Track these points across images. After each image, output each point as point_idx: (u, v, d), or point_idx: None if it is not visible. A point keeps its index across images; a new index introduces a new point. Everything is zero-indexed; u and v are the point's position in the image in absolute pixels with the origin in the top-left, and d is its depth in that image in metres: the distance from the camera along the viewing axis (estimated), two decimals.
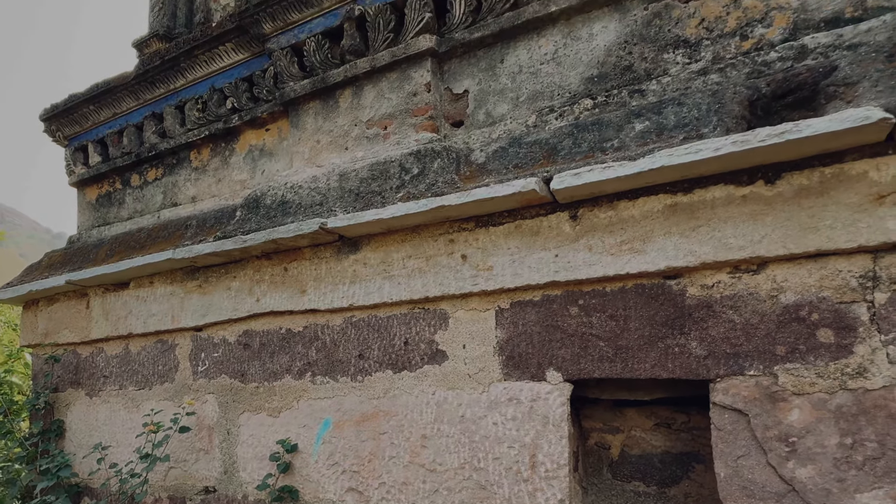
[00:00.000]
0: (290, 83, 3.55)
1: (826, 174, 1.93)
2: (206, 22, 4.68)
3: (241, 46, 3.88)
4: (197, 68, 4.09)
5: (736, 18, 2.38)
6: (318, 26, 3.44)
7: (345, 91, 3.38)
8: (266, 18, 3.59)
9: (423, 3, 3.07)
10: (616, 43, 2.63)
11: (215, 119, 4.03)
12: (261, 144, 3.87)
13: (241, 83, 3.91)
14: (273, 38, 3.61)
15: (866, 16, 2.14)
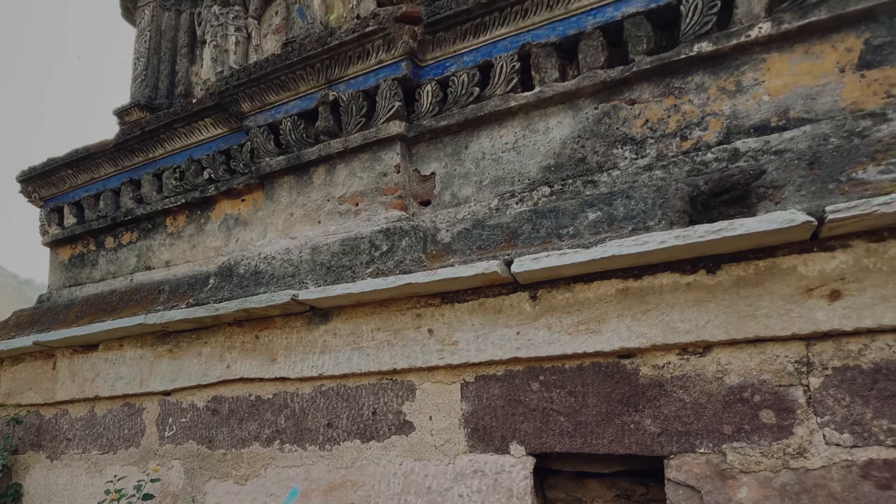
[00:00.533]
0: (266, 158, 3.58)
1: (760, 267, 2.03)
2: (187, 94, 4.71)
3: (219, 122, 3.91)
4: (176, 140, 4.10)
5: (676, 121, 2.52)
6: (295, 108, 3.51)
7: (318, 168, 3.42)
8: (245, 98, 3.64)
9: (394, 93, 3.16)
10: (570, 137, 2.75)
11: (192, 188, 4.02)
12: (236, 214, 3.86)
13: (218, 156, 3.93)
14: (251, 117, 3.66)
15: (789, 125, 2.29)
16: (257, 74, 3.55)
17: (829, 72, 2.25)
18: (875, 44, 2.19)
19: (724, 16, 2.51)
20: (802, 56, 2.31)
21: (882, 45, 2.18)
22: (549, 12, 2.85)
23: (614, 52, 2.75)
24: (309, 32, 3.81)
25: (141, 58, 4.81)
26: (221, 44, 4.50)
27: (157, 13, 4.86)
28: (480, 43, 3.03)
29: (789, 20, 2.34)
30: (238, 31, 4.47)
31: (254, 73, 3.57)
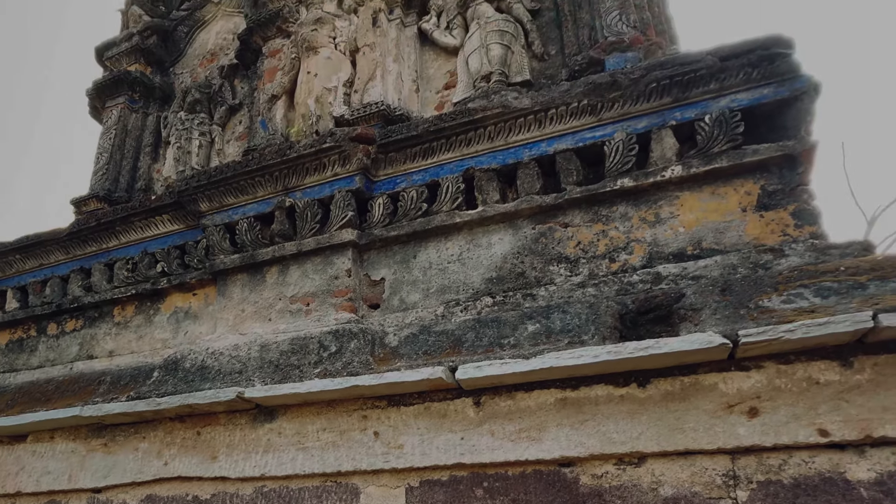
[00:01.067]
0: (220, 256, 3.46)
1: (686, 383, 2.05)
2: (147, 189, 4.55)
3: (176, 219, 3.78)
4: (132, 233, 3.92)
5: (605, 245, 2.60)
6: (252, 210, 3.43)
7: (272, 268, 3.32)
8: (204, 199, 3.54)
9: (347, 203, 3.15)
10: (511, 253, 2.78)
11: (144, 280, 3.82)
12: (186, 307, 3.67)
13: (173, 250, 3.77)
14: (208, 216, 3.55)
15: (703, 255, 2.39)
16: (218, 178, 3.47)
17: (734, 210, 2.38)
18: (769, 190, 2.35)
19: (642, 156, 2.65)
20: (710, 196, 2.45)
21: (775, 191, 2.34)
22: (490, 143, 2.94)
23: (549, 179, 2.84)
24: (270, 143, 3.78)
25: (104, 153, 4.65)
26: (185, 145, 4.41)
27: (124, 113, 4.75)
28: (429, 164, 3.08)
29: (696, 165, 2.49)
30: (202, 135, 4.41)
31: (214, 176, 3.50)
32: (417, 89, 3.68)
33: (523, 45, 3.39)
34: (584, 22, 3.16)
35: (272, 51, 4.19)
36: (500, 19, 3.41)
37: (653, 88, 2.59)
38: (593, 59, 2.95)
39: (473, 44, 3.45)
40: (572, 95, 2.75)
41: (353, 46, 3.79)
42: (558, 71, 3.24)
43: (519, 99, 2.89)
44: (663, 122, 2.58)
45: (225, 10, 4.84)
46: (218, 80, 4.57)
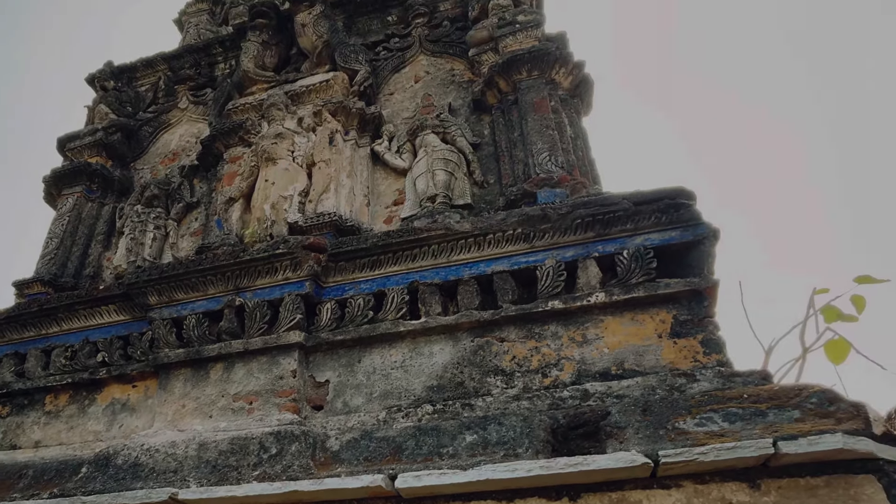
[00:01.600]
0: (165, 349, 3.24)
1: (614, 499, 2.03)
2: (96, 276, 4.27)
3: (123, 310, 3.54)
4: (74, 320, 3.63)
5: (538, 360, 2.61)
6: (201, 307, 3.27)
7: (217, 365, 3.12)
8: (153, 292, 3.35)
9: (296, 306, 3.05)
10: (451, 363, 2.74)
11: (82, 369, 3.50)
12: (124, 399, 3.37)
13: (116, 340, 3.50)
14: (156, 309, 3.35)
15: (626, 375, 2.44)
16: (170, 273, 3.31)
17: (651, 336, 2.47)
18: (681, 319, 2.46)
19: (570, 281, 2.73)
20: (630, 321, 2.53)
21: (686, 321, 2.45)
22: (434, 260, 2.96)
23: (487, 296, 2.86)
24: (224, 242, 3.66)
25: (55, 238, 4.37)
26: (139, 237, 4.21)
27: (80, 202, 4.51)
28: (376, 275, 3.05)
29: (617, 293, 2.58)
30: (157, 228, 4.23)
31: (166, 271, 3.34)
32: (368, 203, 3.71)
33: (465, 172, 3.51)
34: (519, 158, 3.32)
35: (233, 157, 4.15)
36: (446, 149, 3.54)
37: (578, 224, 2.71)
38: (527, 191, 3.07)
39: (421, 168, 3.55)
40: (508, 224, 2.83)
41: (310, 161, 3.80)
42: (496, 198, 3.35)
43: (461, 223, 2.95)
44: (588, 253, 2.69)
45: (190, 116, 4.80)
46: (178, 178, 4.45)
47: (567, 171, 3.08)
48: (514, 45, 3.72)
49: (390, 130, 3.93)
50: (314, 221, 3.48)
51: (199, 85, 4.89)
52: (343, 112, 3.90)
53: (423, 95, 4.09)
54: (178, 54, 5.11)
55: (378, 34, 4.55)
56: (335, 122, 3.89)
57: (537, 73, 3.53)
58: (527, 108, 3.39)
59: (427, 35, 4.36)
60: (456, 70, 4.14)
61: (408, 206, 3.54)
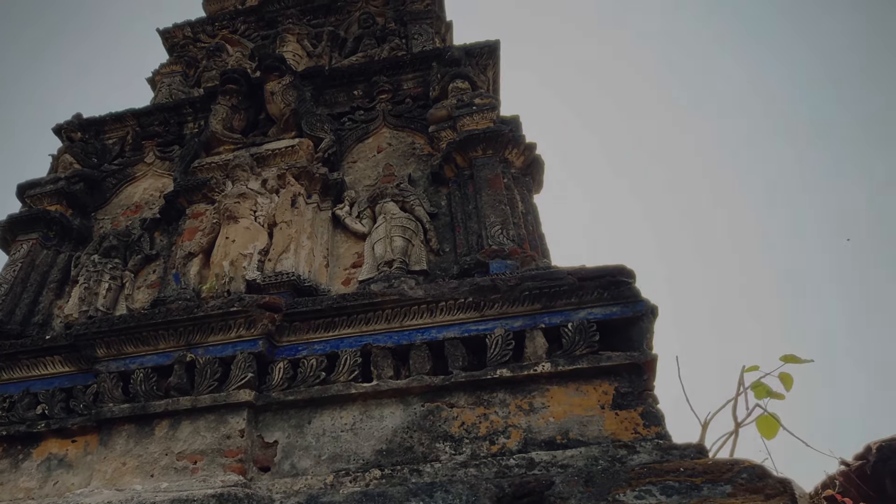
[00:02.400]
0: (109, 404, 2.96)
1: None
2: (45, 324, 3.93)
3: (69, 361, 3.25)
4: (16, 370, 3.30)
5: (486, 427, 2.51)
6: (150, 362, 3.03)
7: (163, 422, 2.87)
8: (102, 345, 3.10)
9: (248, 365, 2.87)
10: (401, 427, 2.61)
11: (19, 421, 3.15)
12: (62, 454, 3.04)
13: (59, 392, 3.19)
14: (104, 362, 3.09)
15: (570, 444, 2.37)
16: (120, 326, 3.08)
17: (594, 407, 2.42)
18: (622, 391, 2.43)
19: (518, 350, 2.68)
20: (575, 391, 2.48)
21: (627, 393, 2.42)
22: (387, 324, 2.86)
23: (438, 362, 2.77)
24: (180, 296, 3.46)
25: (4, 283, 4.01)
26: (93, 287, 3.92)
27: (35, 249, 4.19)
28: (330, 336, 2.92)
29: (563, 364, 2.54)
30: (113, 279, 3.95)
31: (117, 324, 3.10)
32: (327, 265, 3.60)
33: (422, 240, 3.47)
34: (473, 230, 3.31)
35: (195, 213, 3.99)
36: (404, 217, 3.51)
37: (526, 295, 2.69)
38: (480, 261, 3.05)
39: (380, 233, 3.49)
40: (460, 292, 2.78)
41: (272, 221, 3.69)
42: (451, 266, 3.32)
43: (415, 289, 2.88)
44: (535, 324, 2.66)
45: (156, 170, 4.61)
46: (138, 230, 4.22)
47: (518, 244, 3.09)
48: (471, 125, 3.78)
49: (352, 196, 3.88)
50: (272, 280, 3.35)
51: (166, 142, 4.73)
52: (307, 176, 3.83)
53: (385, 165, 4.08)
54: (148, 111, 4.96)
55: (344, 106, 4.56)
56: (298, 185, 3.81)
57: (492, 151, 3.58)
58: (482, 184, 3.41)
59: (390, 110, 4.40)
60: (417, 144, 4.17)
61: (366, 269, 3.46)
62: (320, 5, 5.65)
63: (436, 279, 3.18)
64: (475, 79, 4.19)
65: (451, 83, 4.13)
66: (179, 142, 4.65)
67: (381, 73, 4.61)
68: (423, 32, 5.13)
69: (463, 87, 4.12)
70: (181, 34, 5.87)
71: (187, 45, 5.82)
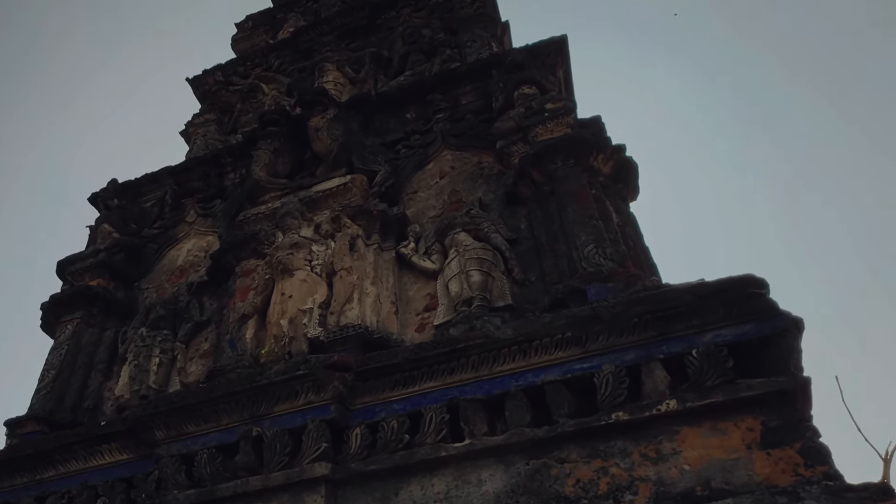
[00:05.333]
0: (174, 491, 3.16)
1: None
2: (96, 409, 4.26)
3: (126, 448, 3.51)
4: (72, 462, 3.59)
5: (606, 483, 2.49)
6: (214, 440, 3.22)
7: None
8: (160, 426, 3.33)
9: (321, 434, 2.99)
10: (504, 490, 2.63)
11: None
12: None
13: (118, 483, 3.44)
14: (164, 445, 3.31)
15: (714, 496, 2.31)
16: (179, 404, 3.30)
17: (738, 447, 2.36)
18: (771, 426, 2.36)
19: (634, 388, 2.67)
20: (711, 431, 2.44)
21: (777, 427, 2.35)
22: (474, 372, 2.92)
23: (539, 411, 2.80)
24: (238, 363, 3.67)
25: (52, 369, 4.41)
26: (143, 363, 4.22)
27: (79, 328, 4.60)
28: (410, 393, 3.01)
29: (691, 399, 2.50)
30: (163, 352, 4.25)
31: (175, 402, 3.32)
32: (397, 311, 3.74)
33: (503, 270, 3.55)
34: (562, 252, 3.36)
35: (245, 270, 4.26)
36: (479, 248, 3.61)
37: (636, 323, 2.69)
38: (574, 288, 3.09)
39: (453, 269, 3.60)
40: (556, 327, 2.82)
41: (330, 269, 3.89)
42: (541, 297, 3.37)
43: (502, 328, 2.94)
44: (651, 355, 2.65)
45: (199, 229, 5.00)
46: (186, 296, 4.55)
47: (618, 262, 3.11)
48: (545, 134, 3.88)
49: (416, 231, 4.04)
50: (337, 335, 3.50)
51: (207, 197, 5.13)
52: (363, 216, 4.03)
53: (451, 192, 4.23)
54: (185, 167, 5.41)
55: (397, 132, 4.80)
56: (355, 226, 4.01)
57: (573, 161, 3.65)
58: (566, 199, 3.48)
59: (450, 129, 4.58)
60: (484, 163, 4.31)
61: (441, 311, 3.56)
62: (358, 27, 6.04)
63: (525, 314, 3.23)
64: (543, 81, 4.32)
65: (517, 90, 4.28)
66: (221, 195, 5.03)
67: (434, 90, 4.83)
68: (477, 38, 5.36)
69: (530, 92, 4.25)
70: (212, 80, 6.41)
71: (219, 90, 6.35)
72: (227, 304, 4.17)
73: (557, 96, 4.15)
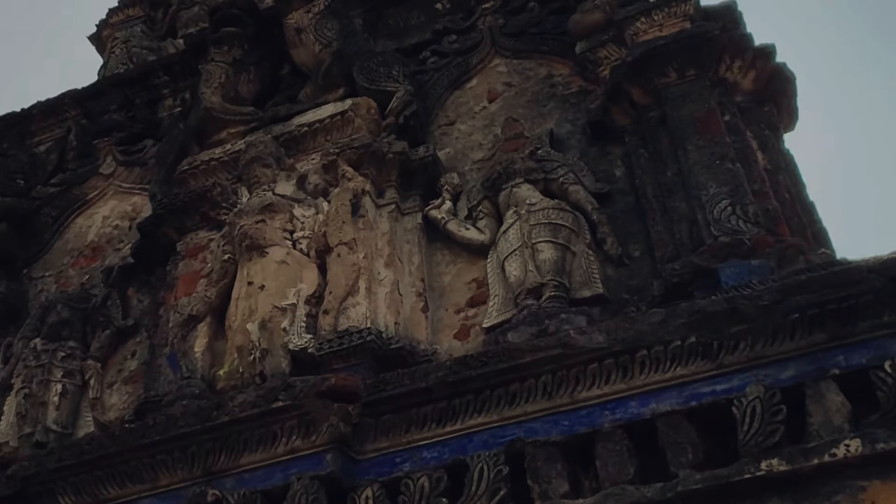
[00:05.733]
0: None
1: None
2: None
3: None
4: None
5: None
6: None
7: None
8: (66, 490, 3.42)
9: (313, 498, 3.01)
10: None
11: None
12: None
13: None
14: None
15: None
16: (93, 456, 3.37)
17: None
18: None
19: (794, 420, 2.68)
20: None
21: None
22: (547, 400, 2.96)
23: (646, 457, 2.84)
24: (183, 391, 3.72)
25: None
26: (38, 392, 4.32)
27: None
28: (449, 434, 3.06)
29: (884, 437, 2.51)
30: (69, 375, 4.36)
31: (87, 452, 3.39)
32: (425, 307, 3.81)
33: (588, 243, 3.57)
34: (680, 213, 3.36)
35: (192, 248, 4.36)
36: (552, 207, 3.63)
37: (796, 320, 2.70)
38: (699, 267, 3.09)
39: (511, 241, 3.64)
40: (672, 329, 2.84)
41: (323, 245, 3.95)
42: (647, 280, 3.39)
43: (588, 333, 2.97)
44: (820, 372, 2.67)
45: (120, 185, 5.11)
46: (101, 289, 4.64)
47: (767, 227, 3.10)
48: (651, 31, 3.88)
49: (454, 183, 4.08)
50: (335, 346, 3.54)
51: (132, 136, 5.25)
52: (373, 161, 4.07)
53: (505, 121, 4.28)
54: (97, 91, 5.51)
55: (422, 32, 4.82)
56: (360, 178, 4.04)
57: (695, 71, 3.65)
58: (685, 129, 3.48)
59: (503, 26, 4.61)
60: (556, 76, 4.34)
61: (494, 306, 3.60)
62: None
63: (624, 310, 3.26)
64: None
65: None
66: (153, 133, 5.12)
67: None
68: None
69: None
70: None
71: None
72: (166, 300, 4.26)
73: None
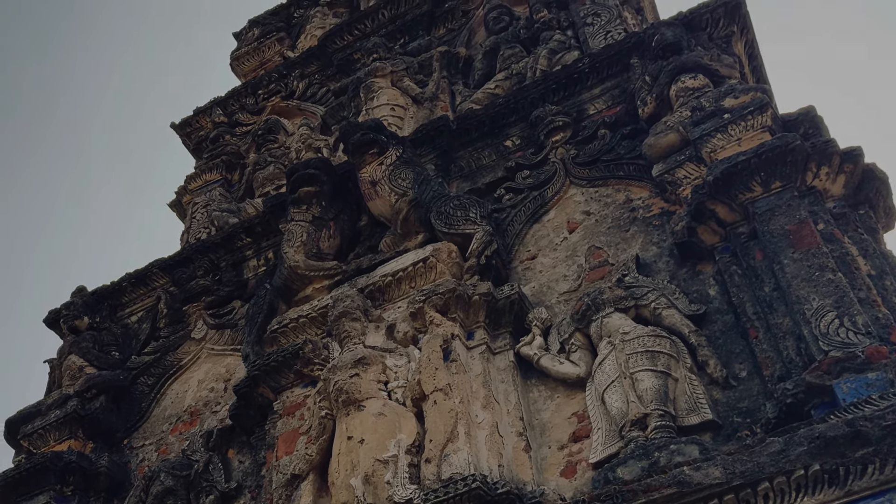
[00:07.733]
0: None
1: None
2: None
3: None
4: None
5: None
6: None
7: None
8: None
9: None
10: None
11: None
12: None
13: None
14: None
15: None
16: None
17: None
18: None
19: None
20: None
21: None
22: None
23: None
24: None
25: None
26: None
27: None
28: None
29: None
30: None
31: None
32: (527, 446, 3.79)
33: (690, 367, 3.55)
34: (784, 329, 3.33)
35: (289, 406, 4.42)
36: (647, 335, 3.64)
37: None
38: (813, 385, 3.05)
39: (608, 373, 3.64)
40: (793, 458, 2.80)
41: (418, 393, 3.98)
42: (757, 402, 3.34)
43: (702, 467, 2.94)
44: None
45: (212, 348, 5.24)
46: (202, 453, 4.72)
47: (879, 337, 3.04)
48: (729, 147, 3.92)
49: (542, 318, 4.12)
50: (441, 496, 3.50)
51: (220, 299, 5.41)
52: (459, 304, 4.14)
53: (588, 250, 4.34)
54: (182, 258, 5.71)
55: (495, 170, 4.96)
56: (448, 322, 4.10)
57: (781, 182, 3.67)
58: (777, 243, 3.47)
59: (575, 156, 4.72)
60: (635, 200, 4.41)
61: (599, 439, 3.57)
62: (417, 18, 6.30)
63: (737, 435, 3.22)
64: (715, 65, 4.40)
65: (674, 83, 4.37)
66: (240, 293, 5.28)
67: (543, 99, 4.97)
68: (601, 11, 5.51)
69: (695, 84, 4.33)
70: (208, 122, 6.82)
71: (220, 136, 6.70)
72: (267, 460, 4.30)
73: (741, 86, 4.20)
